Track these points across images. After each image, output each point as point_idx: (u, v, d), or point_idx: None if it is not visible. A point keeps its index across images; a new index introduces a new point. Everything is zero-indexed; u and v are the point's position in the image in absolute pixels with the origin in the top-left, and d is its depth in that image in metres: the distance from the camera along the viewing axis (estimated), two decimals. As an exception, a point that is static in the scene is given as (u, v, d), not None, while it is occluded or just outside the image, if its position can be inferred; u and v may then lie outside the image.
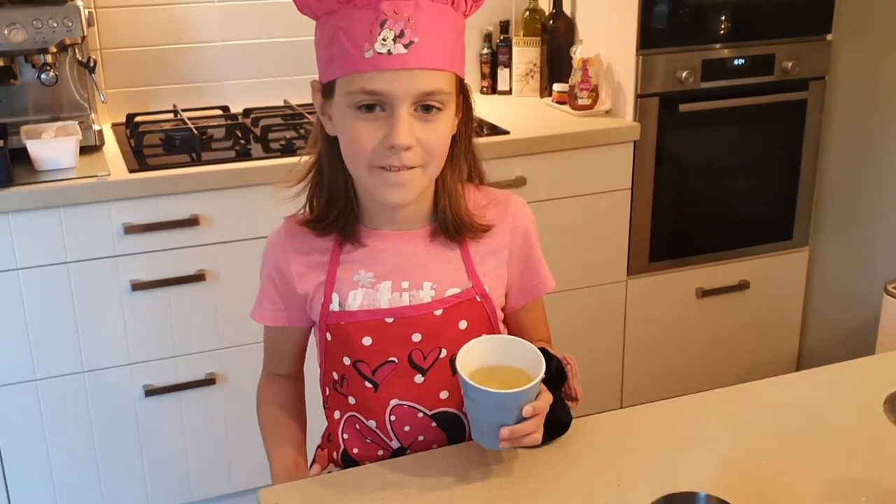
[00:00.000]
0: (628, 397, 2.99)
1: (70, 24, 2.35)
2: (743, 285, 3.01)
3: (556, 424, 1.25)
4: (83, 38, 2.40)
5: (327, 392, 1.38)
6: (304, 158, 1.33)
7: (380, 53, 1.14)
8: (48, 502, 2.39)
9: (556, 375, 1.24)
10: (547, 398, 1.20)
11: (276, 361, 1.45)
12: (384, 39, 1.14)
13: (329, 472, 1.41)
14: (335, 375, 1.34)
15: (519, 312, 1.40)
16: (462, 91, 1.26)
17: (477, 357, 1.21)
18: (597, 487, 1.19)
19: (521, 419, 1.16)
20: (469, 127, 1.30)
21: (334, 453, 1.40)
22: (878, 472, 1.21)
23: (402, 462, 1.27)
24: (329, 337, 1.31)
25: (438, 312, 1.28)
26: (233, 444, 2.51)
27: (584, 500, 1.17)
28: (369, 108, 1.18)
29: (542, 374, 1.16)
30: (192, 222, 2.32)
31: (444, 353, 1.29)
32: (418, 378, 1.30)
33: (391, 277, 1.29)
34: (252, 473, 2.49)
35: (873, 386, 1.40)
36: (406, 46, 1.14)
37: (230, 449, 2.52)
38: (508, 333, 1.42)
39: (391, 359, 1.29)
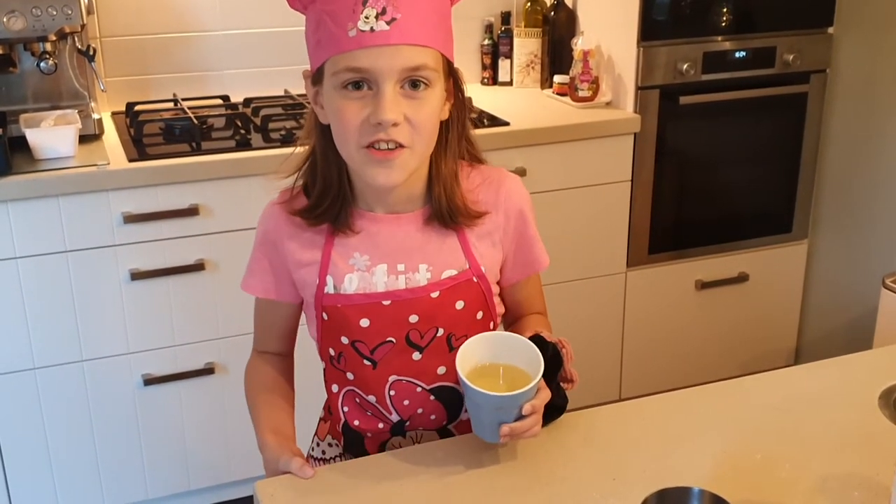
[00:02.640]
0: (627, 388, 3.00)
1: (69, 11, 2.35)
2: (742, 278, 3.02)
3: (552, 408, 1.25)
4: (83, 26, 2.40)
5: (324, 366, 1.39)
6: (299, 149, 1.34)
7: (363, 31, 1.16)
8: (47, 491, 2.40)
9: (551, 360, 1.24)
10: (545, 395, 1.21)
11: (266, 338, 1.45)
12: (367, 17, 1.16)
13: (329, 444, 1.43)
14: (332, 352, 1.35)
15: (514, 287, 1.41)
16: (452, 75, 1.27)
17: (475, 355, 1.22)
18: (592, 481, 1.20)
19: (521, 417, 1.18)
20: (462, 113, 1.31)
21: (337, 425, 1.41)
22: (872, 467, 1.21)
23: (399, 454, 1.28)
24: (325, 317, 1.32)
25: (435, 295, 1.29)
26: (231, 433, 2.52)
27: (579, 493, 1.18)
28: (356, 86, 1.19)
29: (540, 374, 1.16)
30: (191, 212, 2.33)
31: (441, 332, 1.31)
32: (416, 355, 1.31)
33: (386, 260, 1.30)
34: (251, 462, 2.48)
35: (868, 381, 1.41)
36: (388, 23, 1.16)
37: (229, 438, 2.53)
38: (504, 306, 1.43)
39: (389, 339, 1.30)
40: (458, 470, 1.22)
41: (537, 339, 1.24)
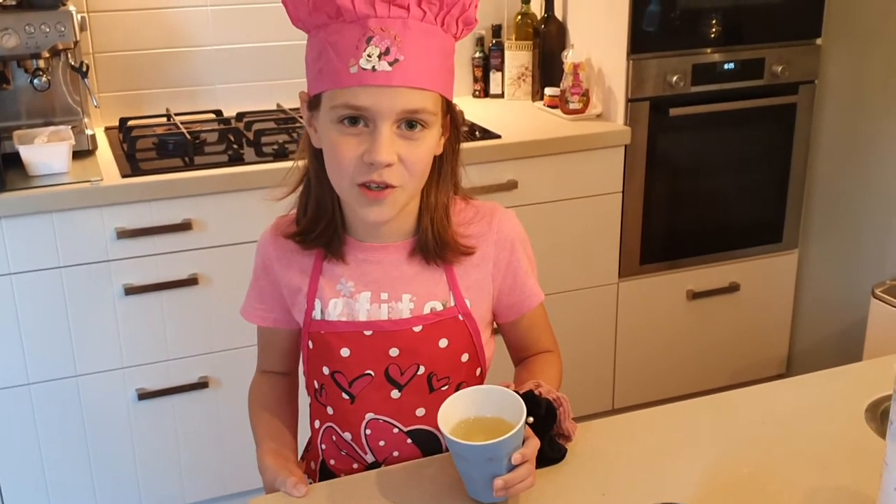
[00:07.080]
0: (620, 399, 3.01)
1: (63, 28, 2.36)
2: (733, 287, 3.03)
3: (547, 462, 1.23)
4: (76, 42, 2.41)
5: (309, 401, 1.40)
6: (294, 167, 1.33)
7: (364, 69, 1.14)
8: (42, 505, 2.41)
9: (545, 415, 1.22)
10: (534, 444, 1.17)
11: (268, 359, 1.46)
12: (369, 56, 1.14)
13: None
14: (316, 384, 1.35)
15: (512, 324, 1.40)
16: (450, 112, 1.26)
17: (457, 411, 1.19)
18: (581, 496, 1.21)
19: (512, 467, 1.13)
20: (457, 147, 1.30)
21: (312, 463, 1.41)
22: (860, 480, 1.22)
23: (390, 472, 1.28)
24: (311, 345, 1.32)
25: (418, 329, 1.28)
26: (226, 447, 2.52)
27: (569, 508, 1.19)
28: (353, 121, 1.18)
29: (523, 421, 1.13)
30: (184, 227, 2.34)
31: (421, 369, 1.29)
32: (395, 393, 1.30)
33: (371, 288, 1.29)
34: (245, 477, 2.50)
35: (855, 394, 1.42)
36: (391, 64, 1.14)
37: (223, 452, 2.53)
38: (506, 343, 1.42)
39: (368, 371, 1.29)
40: (447, 488, 1.22)
41: (528, 397, 1.20)
